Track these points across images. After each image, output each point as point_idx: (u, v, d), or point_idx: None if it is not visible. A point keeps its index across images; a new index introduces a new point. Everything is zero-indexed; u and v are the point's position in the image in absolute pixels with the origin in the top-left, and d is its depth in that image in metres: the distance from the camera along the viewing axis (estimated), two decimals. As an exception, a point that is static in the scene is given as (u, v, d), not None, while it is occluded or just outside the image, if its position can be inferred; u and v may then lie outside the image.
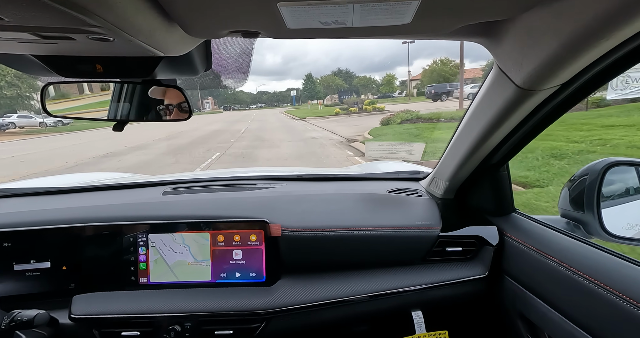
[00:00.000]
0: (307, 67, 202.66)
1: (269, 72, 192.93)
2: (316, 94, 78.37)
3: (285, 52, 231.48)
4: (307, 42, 1.53)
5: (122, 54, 0.55)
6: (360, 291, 0.97)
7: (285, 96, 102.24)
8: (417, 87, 55.65)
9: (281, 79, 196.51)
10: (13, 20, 0.36)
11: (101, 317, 0.89)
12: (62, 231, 0.96)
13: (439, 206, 1.15)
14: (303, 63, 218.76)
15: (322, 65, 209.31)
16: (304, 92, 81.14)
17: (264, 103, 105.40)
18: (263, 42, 1.90)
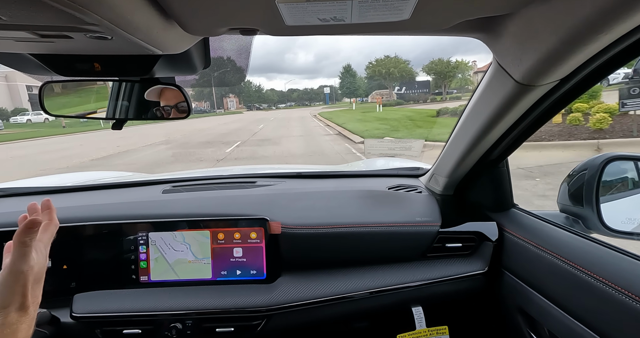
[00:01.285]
0: (340, 65, 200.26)
1: (301, 71, 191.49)
2: (356, 90, 66.46)
3: (318, 50, 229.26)
4: (339, 39, 1.51)
5: (120, 52, 0.55)
6: (360, 287, 0.97)
7: (318, 94, 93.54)
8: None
9: (313, 77, 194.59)
10: (11, 19, 0.36)
11: (102, 315, 0.89)
12: (62, 230, 0.96)
13: (438, 202, 1.15)
14: (335, 61, 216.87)
15: (354, 62, 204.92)
16: (342, 88, 69.44)
17: (293, 101, 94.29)
18: (296, 40, 1.81)
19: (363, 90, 72.28)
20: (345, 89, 68.00)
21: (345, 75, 67.53)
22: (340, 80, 69.00)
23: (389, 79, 48.06)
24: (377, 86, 64.03)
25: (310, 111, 40.07)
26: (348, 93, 68.12)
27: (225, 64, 0.86)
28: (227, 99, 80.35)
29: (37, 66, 0.59)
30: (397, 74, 46.84)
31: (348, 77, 67.00)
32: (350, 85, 66.39)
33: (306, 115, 28.73)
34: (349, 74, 67.07)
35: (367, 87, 71.27)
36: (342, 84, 69.19)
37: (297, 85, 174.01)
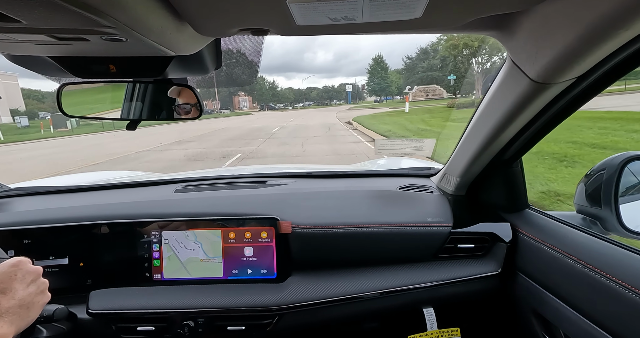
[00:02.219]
0: (359, 63, 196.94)
1: (320, 70, 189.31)
2: (388, 86, 55.77)
3: (337, 49, 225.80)
4: (359, 37, 1.49)
5: (135, 53, 0.56)
6: (370, 288, 0.97)
7: (340, 92, 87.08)
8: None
9: (332, 76, 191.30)
10: (30, 22, 0.37)
11: (117, 312, 0.91)
12: (79, 228, 0.99)
13: (450, 202, 1.14)
14: (355, 60, 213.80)
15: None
16: (370, 83, 57.96)
17: (312, 101, 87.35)
18: (316, 39, 1.75)
19: (396, 87, 60.40)
20: (375, 84, 56.86)
21: (375, 69, 56.43)
22: (369, 74, 58.18)
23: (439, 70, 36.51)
24: (419, 81, 48.18)
25: (336, 113, 30.70)
26: (378, 90, 57.04)
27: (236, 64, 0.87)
28: (237, 97, 73.64)
29: (55, 68, 0.61)
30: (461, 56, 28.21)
31: (378, 70, 55.82)
32: (381, 81, 55.43)
33: (332, 122, 18.24)
34: (380, 67, 55.83)
35: (405, 82, 53.63)
36: (371, 78, 58.04)
37: (315, 84, 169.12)
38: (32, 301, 0.63)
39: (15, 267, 0.63)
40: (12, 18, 0.35)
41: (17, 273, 0.63)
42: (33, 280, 0.65)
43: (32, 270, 0.66)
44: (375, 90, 59.08)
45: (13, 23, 0.37)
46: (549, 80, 0.62)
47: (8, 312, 0.59)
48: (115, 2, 0.36)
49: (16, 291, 0.61)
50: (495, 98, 0.79)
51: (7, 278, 0.61)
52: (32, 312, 0.63)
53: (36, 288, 0.65)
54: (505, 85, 0.74)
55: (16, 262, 0.64)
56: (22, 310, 0.61)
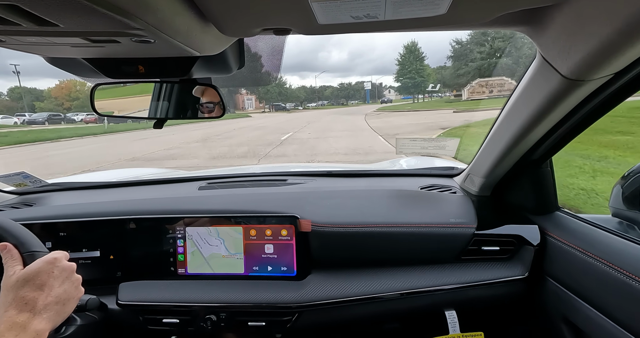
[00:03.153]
0: (374, 62, 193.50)
1: (335, 69, 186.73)
2: (423, 81, 41.49)
3: (352, 48, 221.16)
4: (374, 36, 1.47)
5: (162, 54, 0.58)
6: (391, 288, 0.96)
7: (357, 91, 77.11)
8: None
9: (346, 75, 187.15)
10: (67, 26, 0.39)
11: (145, 304, 0.94)
12: (110, 223, 1.03)
13: (474, 203, 1.11)
14: (369, 59, 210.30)
15: (389, 60, 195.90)
16: (401, 78, 43.51)
17: (325, 100, 76.93)
18: (330, 38, 1.71)
19: (434, 80, 45.58)
20: (408, 79, 41.76)
21: (407, 60, 41.25)
22: (399, 66, 42.57)
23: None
24: (475, 72, 31.82)
25: (364, 116, 21.02)
26: (412, 86, 41.58)
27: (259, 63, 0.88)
28: (240, 96, 60.48)
29: (89, 69, 0.64)
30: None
31: (411, 61, 40.90)
32: (415, 74, 40.54)
33: (369, 138, 9.91)
34: (414, 57, 40.65)
35: (453, 74, 36.82)
36: (401, 72, 42.69)
37: (330, 83, 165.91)
38: (68, 297, 0.65)
39: (51, 263, 0.65)
40: (52, 22, 0.38)
41: (53, 270, 0.64)
42: (68, 277, 0.66)
43: (67, 267, 0.67)
44: (408, 86, 43.10)
45: (52, 27, 0.39)
46: (583, 76, 0.59)
47: (46, 309, 0.60)
48: (144, 5, 0.37)
49: (53, 287, 0.63)
50: (524, 96, 0.76)
51: (44, 275, 0.63)
52: (68, 307, 0.65)
53: (71, 284, 0.66)
54: (534, 83, 0.71)
55: (52, 258, 0.66)
56: (59, 306, 0.63)
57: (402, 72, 44.89)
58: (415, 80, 43.72)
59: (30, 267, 0.63)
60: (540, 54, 0.65)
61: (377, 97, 75.67)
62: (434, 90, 47.86)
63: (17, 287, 0.60)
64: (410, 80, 44.06)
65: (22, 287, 0.60)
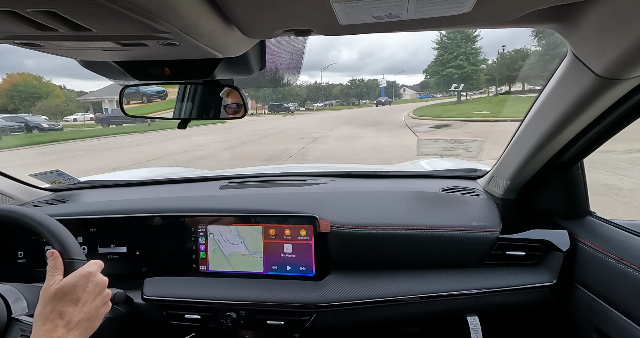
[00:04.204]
0: (383, 62, 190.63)
1: (344, 68, 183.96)
2: (475, 71, 29.31)
3: (362, 47, 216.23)
4: (385, 35, 1.46)
5: (186, 56, 0.59)
6: (410, 291, 0.94)
7: (371, 88, 63.11)
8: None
9: (355, 75, 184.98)
10: (100, 30, 0.42)
11: (168, 299, 0.97)
12: (136, 220, 1.07)
13: (498, 206, 1.07)
14: (379, 58, 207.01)
15: (399, 59, 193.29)
16: (441, 69, 30.41)
17: (334, 100, 64.04)
18: (340, 38, 1.67)
19: (489, 71, 32.62)
20: (454, 69, 28.73)
21: (451, 41, 29.09)
22: (439, 49, 29.86)
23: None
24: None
25: (405, 116, 18.52)
26: (460, 78, 28.74)
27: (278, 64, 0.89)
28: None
29: (118, 72, 0.67)
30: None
31: (458, 42, 28.85)
32: (465, 62, 28.23)
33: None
34: (464, 36, 28.51)
35: (543, 61, 24.07)
36: (440, 60, 30.01)
37: (339, 82, 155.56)
38: (97, 313, 0.65)
39: (86, 278, 0.64)
40: (86, 27, 0.40)
41: (88, 284, 0.64)
42: (99, 293, 0.66)
43: (100, 282, 0.67)
44: (452, 79, 29.21)
45: (86, 32, 0.41)
46: (619, 75, 0.56)
47: (78, 325, 0.60)
48: (171, 9, 0.39)
49: (86, 303, 0.63)
50: (554, 95, 0.73)
51: (80, 290, 0.63)
52: (96, 323, 0.65)
53: (102, 300, 0.66)
54: (565, 82, 0.68)
55: (87, 272, 0.65)
56: (89, 322, 0.63)
57: (442, 60, 30.06)
58: (464, 70, 28.39)
59: (68, 279, 0.63)
60: (571, 51, 0.62)
61: (393, 95, 67.69)
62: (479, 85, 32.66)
63: (56, 300, 0.60)
64: (457, 70, 28.68)
65: (60, 300, 0.60)
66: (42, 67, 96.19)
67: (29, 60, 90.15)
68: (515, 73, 33.94)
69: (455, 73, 29.90)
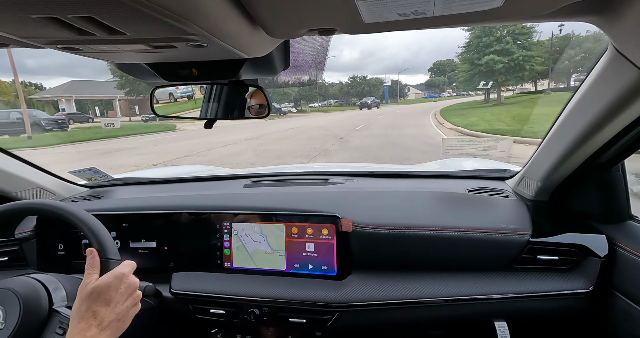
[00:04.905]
0: (385, 61, 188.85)
1: (345, 68, 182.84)
2: (522, 62, 19.72)
3: (364, 47, 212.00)
4: (386, 35, 1.45)
5: (213, 57, 0.61)
6: (434, 294, 0.92)
7: (374, 86, 55.42)
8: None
9: (357, 75, 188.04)
10: (133, 34, 0.44)
11: (195, 294, 1.00)
12: (165, 216, 1.11)
13: (529, 208, 1.03)
14: (381, 58, 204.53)
15: (401, 59, 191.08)
16: (475, 55, 20.66)
17: (333, 99, 58.10)
18: (342, 38, 1.67)
19: (538, 64, 21.82)
20: (493, 54, 20.23)
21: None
22: (471, 32, 21.44)
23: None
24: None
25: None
26: (507, 69, 20.45)
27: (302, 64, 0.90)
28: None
29: (149, 73, 0.69)
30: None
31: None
32: (513, 44, 20.33)
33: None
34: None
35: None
36: (475, 44, 21.73)
37: (338, 80, 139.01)
38: (128, 314, 0.66)
39: (119, 279, 0.66)
40: (120, 31, 0.42)
41: (120, 286, 0.66)
42: (130, 294, 0.68)
43: (132, 283, 0.68)
44: (495, 69, 20.57)
45: (121, 35, 0.43)
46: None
47: (109, 325, 0.62)
48: (199, 11, 0.40)
49: (117, 304, 0.65)
50: (593, 92, 0.69)
51: (113, 291, 0.65)
52: (126, 324, 0.66)
53: (132, 301, 0.68)
54: (605, 78, 0.64)
55: (120, 274, 0.67)
56: (119, 323, 0.65)
57: (478, 45, 21.76)
58: (512, 57, 20.51)
59: (103, 280, 0.66)
60: (612, 46, 0.58)
61: (398, 95, 62.26)
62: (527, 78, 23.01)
63: (91, 299, 0.63)
64: (502, 56, 20.65)
65: (94, 300, 0.63)
66: (43, 66, 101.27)
67: (30, 60, 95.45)
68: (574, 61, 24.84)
69: (499, 61, 20.42)
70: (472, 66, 22.59)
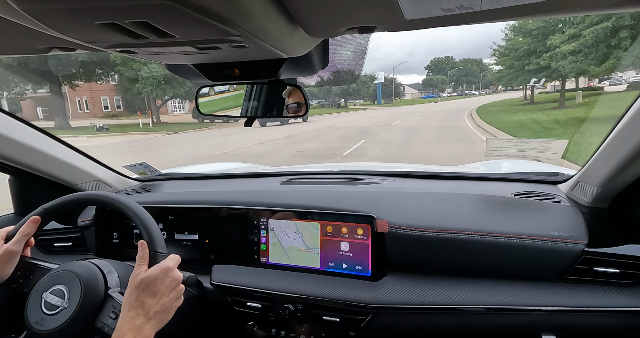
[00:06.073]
0: (379, 62, 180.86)
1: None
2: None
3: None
4: (381, 34, 1.39)
5: (254, 58, 0.63)
6: (475, 301, 0.88)
7: (364, 82, 44.61)
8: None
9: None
10: (182, 36, 0.47)
11: (233, 286, 1.04)
12: (207, 210, 1.17)
13: (584, 216, 0.94)
14: (374, 58, 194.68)
15: (395, 59, 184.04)
16: (535, 39, 14.48)
17: (313, 99, 42.67)
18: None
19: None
20: (579, 43, 11.55)
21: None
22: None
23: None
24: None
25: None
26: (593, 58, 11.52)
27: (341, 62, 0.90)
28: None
29: (195, 74, 0.73)
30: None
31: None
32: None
33: None
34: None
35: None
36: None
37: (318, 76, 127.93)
38: (172, 306, 0.70)
39: (165, 272, 0.70)
40: (171, 34, 0.45)
41: (166, 279, 0.69)
42: (175, 287, 0.71)
43: (176, 277, 0.72)
44: (589, 54, 11.77)
45: (171, 38, 0.46)
46: None
47: (155, 316, 0.66)
48: (242, 13, 0.42)
49: (163, 296, 0.68)
50: None
51: (159, 283, 0.68)
52: (169, 315, 0.70)
53: (176, 294, 0.71)
54: None
55: (167, 267, 0.71)
56: (163, 314, 0.68)
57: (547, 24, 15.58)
58: (597, 33, 12.31)
59: (150, 272, 0.69)
60: None
61: (393, 95, 53.37)
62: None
63: (140, 290, 0.67)
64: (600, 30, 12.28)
65: (143, 290, 0.67)
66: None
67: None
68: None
69: (599, 31, 12.63)
70: (546, 54, 15.74)
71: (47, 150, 1.15)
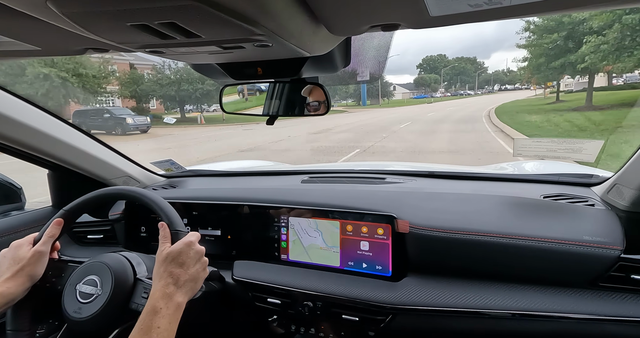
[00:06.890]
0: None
1: None
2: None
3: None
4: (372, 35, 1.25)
5: (277, 56, 0.64)
6: (499, 306, 0.85)
7: (344, 80, 8.03)
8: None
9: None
10: (207, 36, 0.48)
11: (254, 282, 1.06)
12: (230, 207, 1.19)
13: (621, 220, 0.89)
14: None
15: (390, 61, 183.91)
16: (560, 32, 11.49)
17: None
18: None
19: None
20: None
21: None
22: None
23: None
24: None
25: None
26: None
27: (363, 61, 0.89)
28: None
29: (220, 73, 0.75)
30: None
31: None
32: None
33: None
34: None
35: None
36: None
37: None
38: (198, 276, 0.75)
39: (188, 246, 0.75)
40: (197, 34, 0.46)
41: (190, 251, 0.75)
42: (199, 259, 0.77)
43: (199, 250, 0.77)
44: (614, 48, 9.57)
45: (197, 38, 0.48)
46: None
47: (185, 284, 0.71)
48: (265, 12, 0.42)
49: (189, 266, 0.74)
50: None
51: (184, 255, 0.74)
52: (197, 284, 0.76)
53: (201, 265, 0.77)
54: None
55: (189, 241, 0.76)
56: (192, 283, 0.73)
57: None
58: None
59: (175, 246, 0.75)
60: None
61: (380, 95, 46.92)
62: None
63: (167, 262, 0.73)
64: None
65: (170, 262, 0.73)
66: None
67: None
68: None
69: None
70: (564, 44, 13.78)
71: (83, 147, 1.22)
